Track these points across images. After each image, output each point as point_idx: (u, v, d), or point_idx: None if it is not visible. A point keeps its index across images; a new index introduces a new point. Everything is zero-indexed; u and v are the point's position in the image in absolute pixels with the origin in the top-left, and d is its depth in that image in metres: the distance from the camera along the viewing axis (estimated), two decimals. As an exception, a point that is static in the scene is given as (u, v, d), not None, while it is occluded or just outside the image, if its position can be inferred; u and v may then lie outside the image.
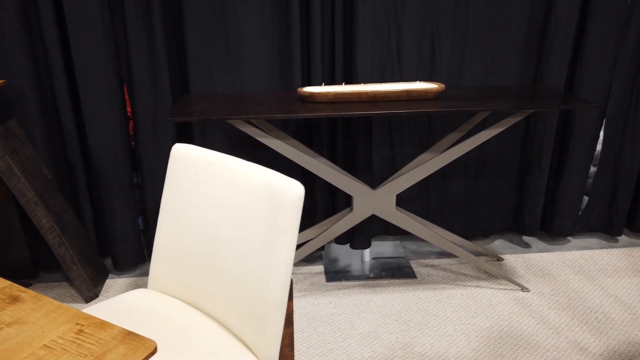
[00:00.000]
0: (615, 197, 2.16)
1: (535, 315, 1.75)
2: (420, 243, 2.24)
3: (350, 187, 1.80)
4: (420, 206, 2.16)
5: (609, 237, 2.25)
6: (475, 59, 1.93)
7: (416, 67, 1.93)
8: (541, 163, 2.06)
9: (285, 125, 1.97)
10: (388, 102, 1.65)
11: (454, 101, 1.65)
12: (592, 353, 1.58)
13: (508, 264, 2.07)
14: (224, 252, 1.04)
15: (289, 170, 2.01)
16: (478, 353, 1.59)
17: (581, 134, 2.03)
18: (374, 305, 1.82)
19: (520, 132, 2.08)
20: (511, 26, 1.89)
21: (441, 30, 1.88)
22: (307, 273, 2.03)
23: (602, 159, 2.12)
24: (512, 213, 2.22)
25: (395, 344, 1.63)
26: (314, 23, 1.78)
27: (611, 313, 1.76)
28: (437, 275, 2.00)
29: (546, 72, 1.94)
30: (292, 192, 0.95)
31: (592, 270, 2.02)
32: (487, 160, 2.10)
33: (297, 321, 1.74)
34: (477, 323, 1.72)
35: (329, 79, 1.92)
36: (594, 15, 1.88)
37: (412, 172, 1.79)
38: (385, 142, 2.05)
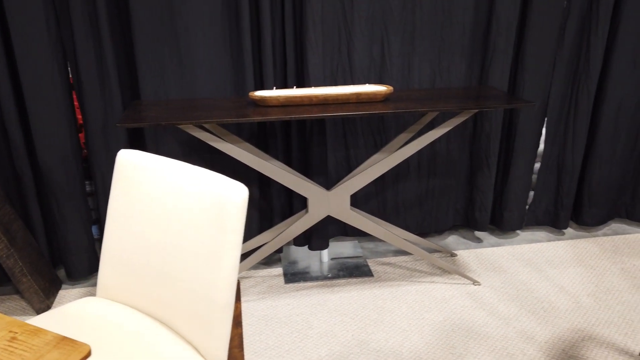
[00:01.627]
0: (559, 192, 2.27)
1: (485, 308, 1.82)
2: (377, 242, 2.29)
3: (305, 189, 1.83)
4: (376, 206, 2.21)
5: (555, 230, 2.36)
6: (424, 62, 2.00)
7: (367, 70, 1.98)
8: (489, 161, 2.15)
9: (240, 130, 1.98)
10: (338, 105, 1.69)
11: (402, 102, 1.70)
12: (538, 341, 1.66)
13: (461, 259, 2.15)
14: (170, 257, 1.05)
15: (245, 175, 2.02)
16: (431, 346, 1.64)
17: (525, 133, 2.13)
18: (332, 305, 1.85)
19: (468, 132, 2.15)
20: (456, 30, 1.96)
21: (390, 34, 1.93)
22: (265, 276, 2.05)
23: (545, 155, 2.23)
24: (463, 210, 2.29)
25: (352, 341, 1.67)
26: (264, 28, 1.80)
27: (557, 302, 1.85)
28: (394, 273, 2.05)
29: (490, 74, 2.02)
30: (236, 195, 0.97)
31: (540, 262, 2.11)
32: (438, 159, 2.17)
33: (254, 324, 1.75)
34: (430, 317, 1.77)
35: (281, 83, 1.95)
36: (532, 20, 1.97)
37: (364, 172, 1.83)
38: (340, 145, 2.08)
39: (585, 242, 2.26)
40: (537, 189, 2.29)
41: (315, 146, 1.99)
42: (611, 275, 2.00)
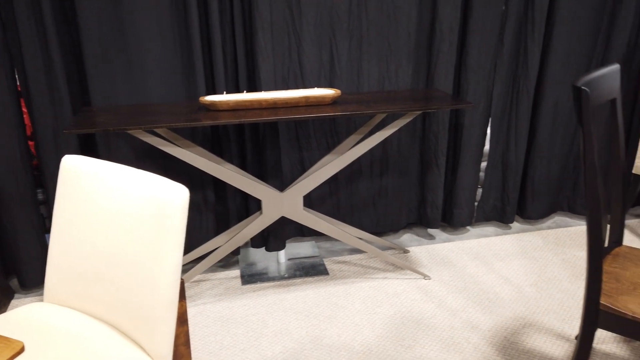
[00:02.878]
0: (505, 188, 2.38)
1: (434, 300, 1.90)
2: (334, 242, 2.35)
3: (258, 191, 1.87)
4: (331, 206, 2.27)
5: (503, 224, 2.48)
6: (372, 67, 2.07)
7: (318, 75, 2.04)
8: (438, 161, 2.24)
9: (194, 135, 2.00)
10: (288, 108, 1.74)
11: (350, 105, 1.77)
12: (482, 330, 1.74)
13: (413, 255, 2.23)
14: (114, 259, 1.07)
15: (199, 179, 2.05)
16: (381, 339, 1.70)
17: (471, 133, 2.23)
18: (287, 304, 1.90)
19: (417, 133, 2.24)
20: (401, 36, 2.05)
21: (338, 40, 2.00)
22: (223, 278, 2.07)
23: (490, 154, 2.34)
24: (416, 208, 2.38)
25: (305, 338, 1.71)
26: (213, 35, 1.83)
27: (501, 293, 1.95)
28: (348, 271, 2.11)
29: (436, 76, 2.12)
30: (177, 196, 1.00)
31: (487, 255, 2.21)
32: (390, 160, 2.25)
33: (210, 325, 1.78)
34: (382, 312, 1.84)
35: (233, 88, 1.98)
36: (473, 25, 2.07)
37: (316, 173, 1.89)
38: (293, 147, 2.13)
39: (530, 235, 2.38)
40: (484, 186, 2.40)
41: (269, 149, 2.03)
42: (553, 266, 2.12)
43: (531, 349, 1.64)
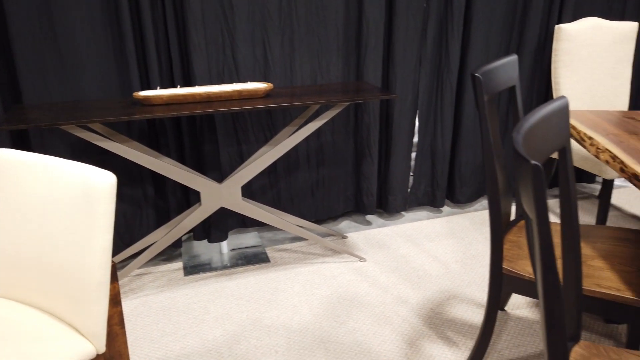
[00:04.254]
0: (435, 175, 2.55)
1: (368, 280, 2.03)
2: (276, 232, 2.44)
3: (196, 183, 1.92)
4: (272, 197, 2.36)
5: (434, 209, 2.64)
6: (304, 62, 2.17)
7: (252, 70, 2.12)
8: (371, 150, 2.37)
9: (130, 131, 2.03)
10: (222, 102, 1.81)
11: (282, 98, 1.86)
12: (411, 303, 1.88)
13: (351, 240, 2.35)
14: (46, 245, 1.12)
15: (138, 174, 2.08)
16: (318, 317, 1.80)
17: (400, 124, 2.37)
18: (229, 291, 1.97)
19: (351, 124, 2.36)
20: (331, 32, 2.16)
21: (270, 37, 2.08)
22: (165, 270, 2.12)
23: (420, 143, 2.49)
24: (353, 196, 2.50)
25: (246, 320, 1.79)
26: (146, 31, 1.88)
27: (430, 270, 2.10)
28: (289, 258, 2.21)
29: (365, 70, 2.24)
30: (104, 181, 1.06)
31: (419, 237, 2.36)
32: (325, 151, 2.36)
33: (152, 315, 1.82)
34: (319, 293, 1.94)
35: (168, 84, 2.03)
36: (397, 21, 2.21)
37: (253, 164, 1.97)
38: (231, 141, 2.20)
39: (458, 217, 2.55)
40: (415, 174, 2.56)
41: (206, 143, 2.09)
42: (477, 244, 2.30)
43: (454, 317, 1.79)
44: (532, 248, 0.78)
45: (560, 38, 2.31)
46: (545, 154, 0.92)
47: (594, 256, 1.40)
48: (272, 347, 1.66)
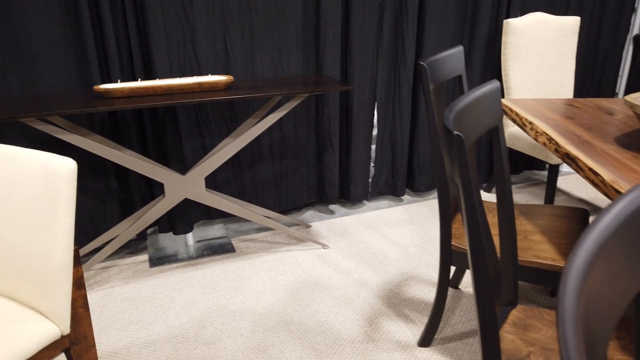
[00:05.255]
0: (395, 165, 2.65)
1: (331, 265, 2.10)
2: (241, 223, 2.48)
3: (160, 174, 1.96)
4: (236, 189, 2.40)
5: (395, 198, 2.74)
6: (264, 56, 2.23)
7: (213, 64, 2.16)
8: (332, 142, 2.44)
9: (92, 124, 2.04)
10: (183, 94, 1.84)
11: (243, 90, 1.91)
12: (371, 285, 1.96)
13: (315, 229, 2.42)
14: (8, 234, 1.14)
15: (101, 168, 2.09)
16: (282, 301, 1.87)
17: (360, 115, 2.46)
18: (194, 280, 2.01)
19: (312, 117, 2.43)
20: (290, 26, 2.22)
21: (230, 31, 2.13)
22: (131, 263, 2.14)
23: (379, 134, 2.59)
24: (316, 186, 2.57)
25: (211, 307, 1.84)
26: (105, 26, 1.89)
27: (389, 254, 2.19)
28: (254, 247, 2.26)
29: (324, 64, 2.32)
30: (64, 167, 1.09)
31: (380, 224, 2.45)
32: (288, 142, 2.42)
33: (118, 305, 1.85)
34: (284, 279, 2.01)
35: (129, 78, 2.05)
36: (354, 16, 2.29)
37: (216, 155, 2.01)
38: (194, 134, 2.24)
39: (418, 205, 2.66)
40: (376, 164, 2.65)
41: (169, 136, 2.12)
42: (435, 229, 2.40)
43: (412, 296, 1.89)
44: (462, 213, 0.87)
45: (509, 32, 2.44)
46: (478, 131, 1.00)
47: (534, 231, 1.51)
48: (237, 330, 1.71)
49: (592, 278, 0.40)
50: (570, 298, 0.37)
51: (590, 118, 1.64)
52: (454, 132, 0.73)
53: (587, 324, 0.38)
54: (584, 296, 0.38)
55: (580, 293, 0.38)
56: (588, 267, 0.40)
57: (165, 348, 1.63)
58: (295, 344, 1.64)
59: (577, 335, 0.34)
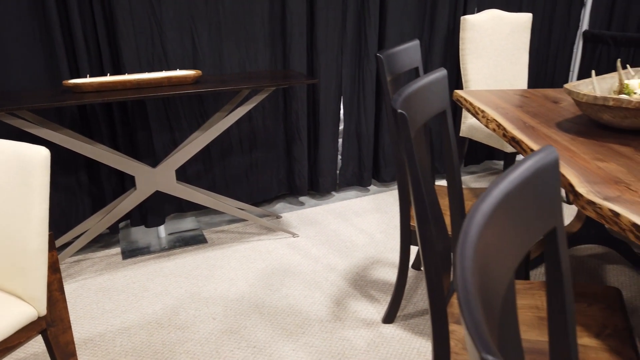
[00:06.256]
0: (361, 156, 2.75)
1: (301, 253, 2.18)
2: (213, 215, 2.54)
3: (130, 167, 2.00)
4: (207, 182, 2.46)
5: (362, 188, 2.84)
6: (232, 51, 2.29)
7: (182, 59, 2.21)
8: (300, 135, 2.53)
9: (61, 119, 2.07)
10: (152, 89, 1.89)
11: (211, 84, 1.97)
12: (339, 270, 2.05)
13: (285, 219, 2.49)
14: (-17, 219, 1.18)
15: (72, 162, 2.12)
16: (253, 287, 1.94)
17: (327, 109, 2.54)
18: (167, 270, 2.06)
19: (280, 110, 2.51)
20: (256, 22, 2.29)
21: (198, 27, 2.18)
22: (103, 256, 2.17)
23: (345, 127, 2.68)
24: (286, 179, 2.65)
25: (184, 294, 1.90)
26: (73, 22, 1.92)
27: (356, 241, 2.28)
28: (226, 238, 2.32)
29: (291, 59, 2.39)
30: (38, 155, 1.14)
31: (348, 214, 2.55)
32: (257, 135, 2.49)
33: (92, 296, 1.89)
34: (255, 266, 2.08)
35: (98, 74, 2.08)
36: (318, 12, 2.38)
37: (186, 148, 2.06)
38: (165, 128, 2.28)
39: (384, 194, 2.77)
40: (343, 156, 2.74)
41: (139, 130, 2.16)
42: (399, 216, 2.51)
43: (377, 279, 1.99)
44: (409, 186, 0.96)
45: (466, 28, 2.57)
46: (427, 114, 1.10)
47: (486, 211, 1.63)
48: (210, 315, 1.77)
49: (485, 238, 0.48)
50: (469, 253, 0.46)
51: (537, 106, 1.77)
52: (398, 111, 0.82)
53: (483, 274, 0.46)
54: (480, 253, 0.47)
55: (476, 250, 0.46)
56: (482, 228, 0.48)
57: (139, 334, 1.68)
58: (266, 325, 1.71)
59: (474, 286, 0.41)
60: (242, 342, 1.63)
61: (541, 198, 0.60)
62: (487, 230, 0.48)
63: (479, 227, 0.47)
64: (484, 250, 0.46)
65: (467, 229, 0.46)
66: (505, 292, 0.52)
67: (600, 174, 1.13)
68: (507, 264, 0.52)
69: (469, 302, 0.35)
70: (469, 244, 0.44)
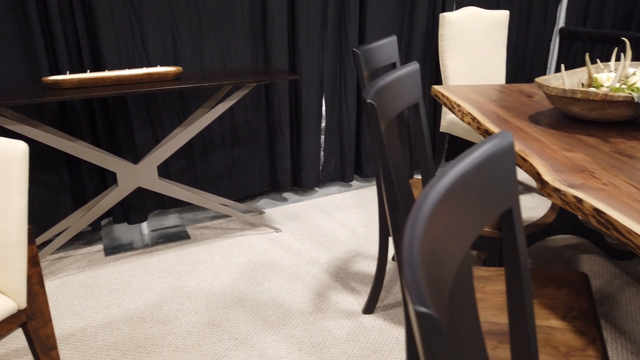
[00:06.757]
0: (343, 152, 2.78)
1: (283, 247, 2.21)
2: (196, 212, 2.55)
3: (112, 164, 2.00)
4: (190, 179, 2.47)
5: (345, 183, 2.88)
6: (213, 48, 2.30)
7: (163, 56, 2.21)
8: (283, 130, 2.55)
9: (42, 117, 2.06)
10: (132, 85, 1.90)
11: (192, 80, 1.98)
12: (321, 263, 2.08)
13: (268, 215, 2.52)
14: (-39, 213, 1.18)
15: (53, 159, 2.11)
16: (236, 281, 1.96)
17: (309, 105, 2.57)
18: (150, 266, 2.07)
19: (262, 106, 2.52)
20: (237, 19, 2.30)
21: (178, 24, 2.19)
22: (85, 253, 2.17)
23: (327, 123, 2.71)
24: (269, 174, 2.67)
25: (167, 289, 1.91)
26: (53, 21, 1.92)
27: (338, 235, 2.31)
28: (209, 233, 2.33)
29: (272, 56, 2.41)
30: (16, 149, 1.15)
31: (330, 209, 2.58)
32: (239, 132, 2.51)
33: (74, 292, 1.89)
34: (237, 261, 2.10)
35: (79, 71, 2.08)
36: (299, 9, 2.40)
37: (168, 144, 2.07)
38: (146, 124, 2.29)
39: (366, 189, 2.80)
40: (325, 151, 2.77)
41: (121, 127, 2.17)
42: (382, 211, 2.55)
43: (358, 271, 2.02)
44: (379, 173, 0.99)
45: (444, 25, 2.62)
46: (400, 106, 1.13)
47: (462, 203, 1.67)
48: (192, 309, 1.79)
49: (439, 214, 0.51)
50: (420, 224, 0.49)
51: (511, 100, 1.82)
52: (367, 100, 0.85)
53: (434, 246, 0.49)
54: (431, 226, 0.49)
55: (428, 222, 0.49)
56: (436, 204, 0.51)
57: (122, 328, 1.69)
58: (248, 318, 1.73)
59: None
60: (224, 335, 1.65)
61: (497, 180, 0.63)
62: (441, 207, 0.51)
63: (432, 202, 0.50)
64: (436, 225, 0.49)
65: (421, 204, 0.48)
66: (460, 265, 0.56)
67: (567, 163, 1.18)
68: (462, 239, 0.55)
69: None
70: (421, 217, 0.46)
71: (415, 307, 0.32)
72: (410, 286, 0.34)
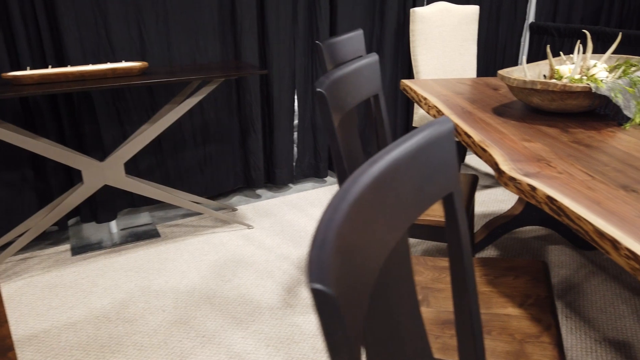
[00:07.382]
0: (316, 147, 2.77)
1: (255, 244, 2.19)
2: (167, 210, 2.51)
3: (76, 161, 1.96)
4: (160, 176, 2.43)
5: (319, 179, 2.87)
6: (181, 42, 2.27)
7: (129, 51, 2.17)
8: (255, 126, 2.53)
9: (3, 114, 2.01)
10: (96, 80, 1.86)
11: (159, 75, 1.95)
12: (292, 259, 2.07)
13: (241, 212, 2.49)
14: None
15: (15, 158, 2.06)
16: (205, 279, 1.94)
17: (281, 100, 2.55)
18: (118, 265, 2.03)
19: (233, 103, 2.50)
20: (205, 13, 2.27)
21: (145, 17, 2.15)
22: (52, 253, 2.12)
23: (300, 118, 2.70)
24: (242, 171, 2.65)
25: (134, 288, 1.88)
26: (13, 14, 1.87)
27: (311, 230, 2.30)
28: (180, 231, 2.30)
29: (242, 51, 2.39)
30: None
31: (304, 205, 2.57)
32: (210, 128, 2.48)
33: (38, 293, 1.85)
34: (207, 259, 2.07)
35: (41, 66, 2.03)
36: (269, 4, 2.38)
37: (134, 140, 2.04)
38: (114, 122, 2.25)
39: (340, 185, 2.80)
40: (299, 147, 2.76)
41: (87, 124, 2.12)
42: (355, 206, 2.55)
43: (329, 266, 2.01)
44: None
45: (415, 20, 2.62)
46: (358, 97, 1.13)
47: (429, 195, 1.67)
48: (159, 307, 1.76)
49: (367, 197, 0.50)
50: (344, 206, 0.48)
51: (476, 93, 1.83)
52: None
53: (357, 230, 0.47)
54: (356, 208, 0.48)
55: (352, 205, 0.47)
56: (365, 188, 0.50)
57: (86, 328, 1.66)
58: (216, 315, 1.72)
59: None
60: (191, 332, 1.63)
61: (436, 165, 0.63)
62: (370, 191, 0.50)
63: (361, 186, 0.49)
64: (362, 208, 0.48)
65: (348, 187, 0.48)
66: (392, 251, 0.55)
67: (525, 153, 1.18)
68: (395, 224, 0.54)
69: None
70: (346, 200, 0.46)
71: (310, 285, 0.31)
72: (312, 263, 0.34)
